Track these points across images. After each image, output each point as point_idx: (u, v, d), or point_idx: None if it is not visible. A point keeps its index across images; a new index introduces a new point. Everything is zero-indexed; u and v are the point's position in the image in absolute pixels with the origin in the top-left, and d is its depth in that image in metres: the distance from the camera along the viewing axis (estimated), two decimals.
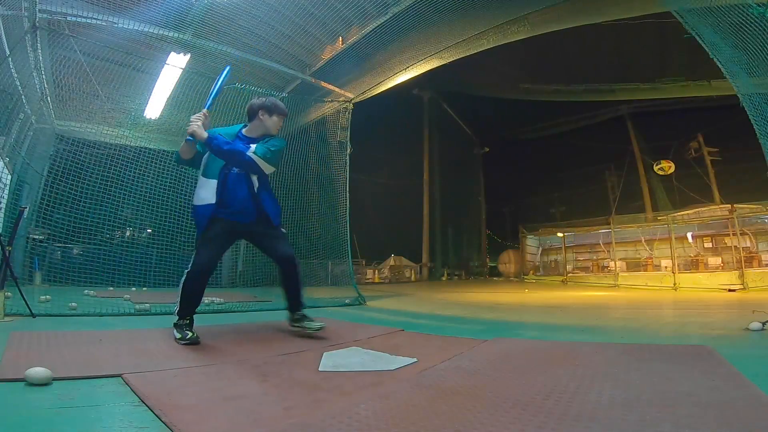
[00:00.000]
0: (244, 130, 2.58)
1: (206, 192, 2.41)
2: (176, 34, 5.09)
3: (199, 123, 2.33)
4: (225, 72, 2.65)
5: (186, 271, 2.37)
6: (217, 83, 2.58)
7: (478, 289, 10.04)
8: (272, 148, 2.44)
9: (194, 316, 2.52)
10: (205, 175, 2.45)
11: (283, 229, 2.68)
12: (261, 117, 2.55)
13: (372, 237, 14.55)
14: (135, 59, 5.75)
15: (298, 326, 2.59)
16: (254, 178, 2.49)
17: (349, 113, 6.48)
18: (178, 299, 2.36)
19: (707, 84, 10.36)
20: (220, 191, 2.40)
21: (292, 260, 2.59)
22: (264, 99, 2.63)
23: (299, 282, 2.64)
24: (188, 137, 2.32)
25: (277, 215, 2.62)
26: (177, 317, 2.35)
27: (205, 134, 2.31)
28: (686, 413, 1.10)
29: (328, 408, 1.19)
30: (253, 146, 2.40)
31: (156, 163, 5.96)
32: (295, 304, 2.63)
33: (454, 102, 19.58)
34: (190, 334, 2.22)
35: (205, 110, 2.43)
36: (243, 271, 8.05)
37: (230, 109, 5.99)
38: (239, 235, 2.65)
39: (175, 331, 2.28)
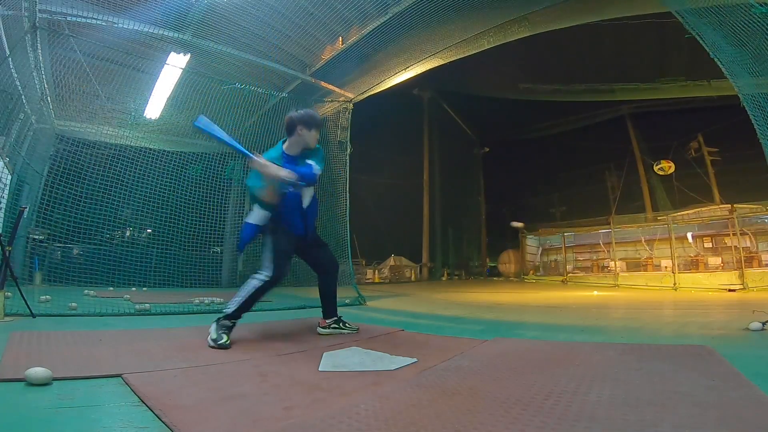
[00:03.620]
0: (285, 147, 2.58)
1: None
2: (176, 34, 5.09)
3: (286, 173, 2.33)
4: (208, 128, 2.53)
5: (262, 278, 2.37)
6: (220, 136, 2.55)
7: (478, 289, 10.04)
8: (323, 163, 2.59)
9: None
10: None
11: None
12: (300, 132, 2.56)
13: (372, 237, 14.54)
14: (135, 59, 5.75)
15: (328, 331, 2.69)
16: (305, 197, 2.61)
17: (349, 113, 6.48)
18: (241, 302, 2.34)
19: (707, 84, 10.36)
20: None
21: (335, 267, 2.81)
22: (301, 112, 2.61)
23: (335, 289, 2.81)
24: (290, 186, 2.39)
25: (314, 226, 2.79)
26: (228, 319, 2.31)
27: (295, 175, 2.34)
28: (686, 413, 1.10)
29: (328, 408, 1.19)
30: (315, 165, 2.49)
31: (156, 163, 5.96)
32: (328, 310, 2.76)
33: (454, 102, 19.56)
34: (226, 338, 2.19)
35: (260, 157, 2.43)
36: (243, 272, 8.06)
37: (231, 110, 6.00)
38: (295, 249, 2.69)
39: (215, 329, 2.24)
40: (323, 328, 2.69)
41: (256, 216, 2.51)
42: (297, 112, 2.60)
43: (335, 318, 2.73)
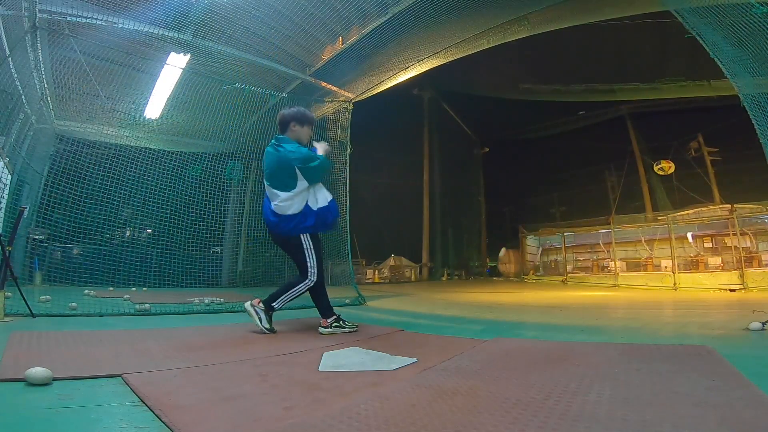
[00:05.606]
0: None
1: (325, 195, 2.71)
2: (176, 34, 5.09)
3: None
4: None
5: (307, 284, 2.64)
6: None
7: (478, 289, 10.04)
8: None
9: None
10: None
11: None
12: (293, 128, 2.68)
13: (372, 237, 14.55)
14: (135, 59, 5.75)
15: (330, 330, 2.72)
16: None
17: (349, 113, 6.48)
18: (287, 300, 2.61)
19: (707, 84, 10.37)
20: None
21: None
22: (294, 109, 2.74)
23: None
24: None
25: None
26: (272, 310, 2.60)
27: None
28: (686, 413, 1.10)
29: (328, 408, 1.19)
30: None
31: (156, 163, 5.96)
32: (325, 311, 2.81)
33: (454, 102, 19.57)
34: (275, 329, 2.59)
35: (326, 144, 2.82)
36: (243, 271, 8.06)
37: (231, 110, 5.99)
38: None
39: (265, 318, 2.55)
40: (325, 328, 2.68)
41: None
42: (289, 109, 2.73)
43: (335, 317, 2.72)
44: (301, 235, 2.61)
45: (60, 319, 3.02)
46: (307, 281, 2.63)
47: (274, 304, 2.59)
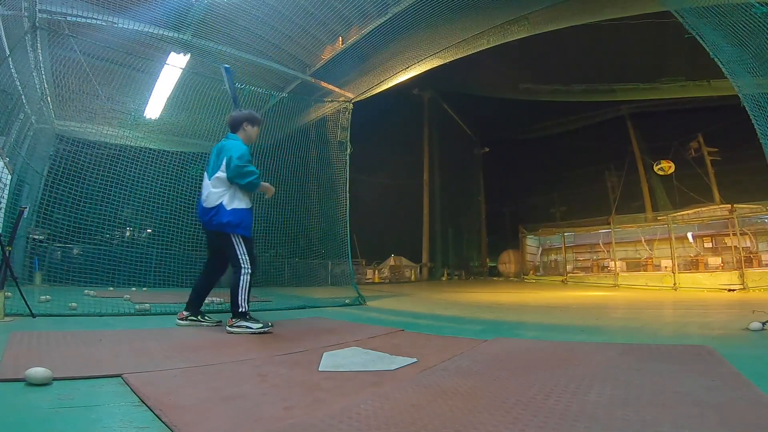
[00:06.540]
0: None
1: (248, 200, 2.84)
2: (176, 34, 5.09)
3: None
4: (227, 75, 3.30)
5: (246, 273, 2.68)
6: (229, 86, 3.23)
7: (478, 289, 10.04)
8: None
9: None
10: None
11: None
12: (245, 128, 2.90)
13: (372, 237, 14.55)
14: (135, 59, 5.75)
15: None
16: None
17: (349, 113, 6.48)
18: (244, 297, 2.63)
19: (707, 84, 10.38)
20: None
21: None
22: (245, 112, 2.97)
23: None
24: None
25: None
26: (245, 311, 2.62)
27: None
28: (686, 413, 1.10)
29: (328, 408, 1.19)
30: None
31: (156, 163, 5.95)
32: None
33: (454, 102, 19.58)
34: (269, 323, 2.60)
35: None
36: None
37: (231, 110, 5.99)
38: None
39: (249, 323, 2.56)
40: (181, 319, 2.88)
41: (247, 201, 2.82)
42: (240, 111, 2.99)
43: (199, 315, 2.95)
44: (233, 236, 2.74)
45: (60, 319, 3.02)
46: (243, 271, 2.68)
47: (240, 311, 2.63)
